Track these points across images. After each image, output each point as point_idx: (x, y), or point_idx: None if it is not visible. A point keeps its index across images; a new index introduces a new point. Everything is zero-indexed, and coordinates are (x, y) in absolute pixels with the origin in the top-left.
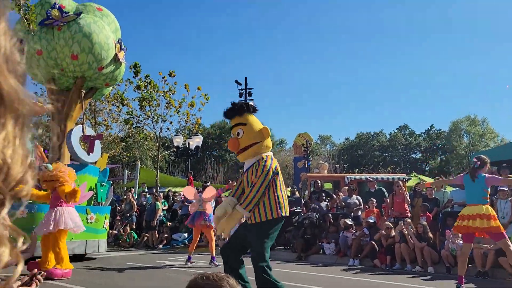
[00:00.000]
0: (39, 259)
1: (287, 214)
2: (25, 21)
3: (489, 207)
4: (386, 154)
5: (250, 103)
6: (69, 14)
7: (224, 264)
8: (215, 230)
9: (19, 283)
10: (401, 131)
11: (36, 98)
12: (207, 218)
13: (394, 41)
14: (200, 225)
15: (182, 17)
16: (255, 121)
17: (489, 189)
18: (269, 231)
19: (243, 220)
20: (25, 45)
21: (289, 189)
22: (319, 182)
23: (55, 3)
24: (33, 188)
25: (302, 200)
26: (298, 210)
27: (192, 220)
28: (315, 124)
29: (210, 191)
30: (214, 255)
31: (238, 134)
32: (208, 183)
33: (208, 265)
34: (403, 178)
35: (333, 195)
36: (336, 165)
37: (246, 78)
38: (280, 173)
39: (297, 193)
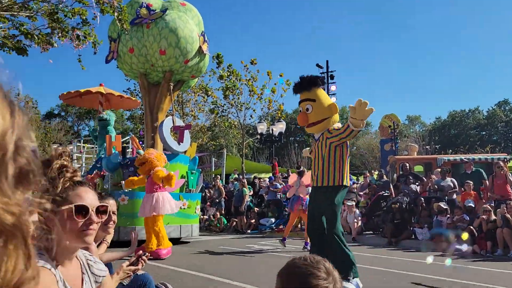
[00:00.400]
0: (143, 244)
1: (348, 184)
2: (118, 22)
3: None
4: (484, 132)
5: (317, 77)
6: (156, 11)
7: (312, 246)
8: None
9: (127, 263)
10: (501, 107)
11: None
12: (304, 203)
13: (489, 11)
14: (297, 210)
15: (261, 4)
16: (324, 96)
17: None
18: (338, 196)
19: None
20: (118, 44)
21: (376, 172)
22: (407, 164)
23: (143, 2)
24: (131, 177)
25: (391, 184)
26: (386, 194)
27: (291, 205)
28: (402, 105)
29: (309, 177)
30: (308, 241)
31: (307, 109)
32: (302, 168)
33: (301, 250)
34: (504, 158)
35: (423, 178)
36: (427, 147)
37: (327, 61)
38: (347, 146)
39: (385, 176)
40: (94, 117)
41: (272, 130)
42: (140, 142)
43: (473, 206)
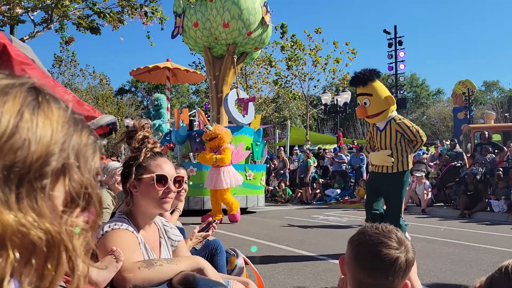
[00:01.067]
0: (209, 212)
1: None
2: None
3: None
4: None
5: (372, 71)
6: None
7: (367, 215)
8: None
9: (198, 228)
10: None
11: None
12: None
13: None
14: None
15: None
16: (380, 89)
17: None
18: (403, 180)
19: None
20: (183, 19)
21: (448, 142)
22: (486, 133)
23: None
24: (205, 153)
25: (464, 154)
26: (459, 164)
27: None
28: (478, 70)
29: None
30: None
31: (365, 103)
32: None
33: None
34: None
35: (503, 147)
36: (506, 114)
37: (395, 27)
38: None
39: (458, 146)
40: (162, 92)
41: (337, 100)
42: (206, 115)
43: None
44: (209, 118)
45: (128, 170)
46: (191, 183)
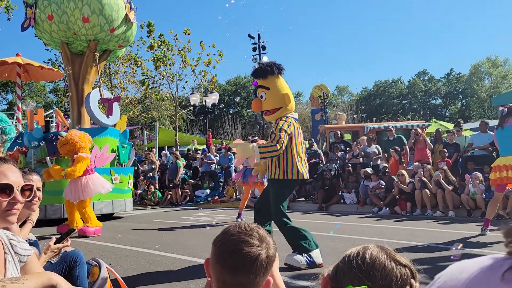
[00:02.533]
0: (66, 221)
1: (304, 177)
2: None
3: None
4: (405, 101)
5: (274, 65)
6: None
7: (255, 216)
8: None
9: (54, 239)
10: (420, 77)
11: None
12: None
13: None
14: (253, 182)
15: None
16: (280, 85)
17: None
18: (281, 189)
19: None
20: (35, 10)
21: (306, 141)
22: (339, 132)
23: None
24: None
25: (321, 152)
26: (317, 162)
27: (244, 177)
28: (332, 75)
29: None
30: (242, 212)
31: (261, 96)
32: (256, 137)
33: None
34: (423, 125)
35: (352, 145)
36: (354, 116)
37: (259, 32)
38: (298, 136)
39: (315, 145)
40: (12, 90)
41: (205, 101)
42: (66, 116)
43: (388, 170)
44: (68, 119)
45: None
46: (48, 190)
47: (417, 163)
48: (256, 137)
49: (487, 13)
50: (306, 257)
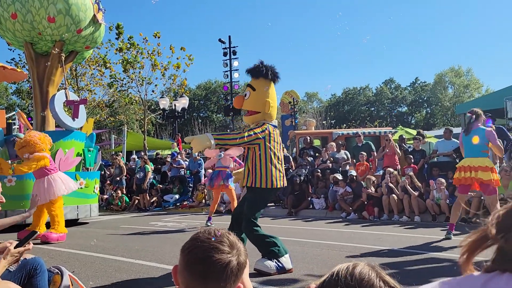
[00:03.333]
0: (28, 227)
1: (278, 186)
2: None
3: (490, 160)
4: (373, 108)
5: (270, 69)
6: None
7: (230, 224)
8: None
9: (14, 243)
10: (387, 85)
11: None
12: (224, 177)
13: None
14: (218, 186)
15: None
16: (267, 91)
17: (492, 142)
18: (256, 197)
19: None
20: None
21: None
22: (308, 138)
23: None
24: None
25: (291, 157)
26: (286, 167)
27: (210, 181)
28: (301, 82)
29: (238, 148)
30: (211, 217)
31: (245, 95)
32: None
33: (204, 226)
34: (390, 131)
35: (321, 150)
36: (323, 122)
37: (230, 37)
38: (274, 144)
39: (285, 150)
40: None
41: (175, 105)
42: (29, 118)
43: (355, 175)
44: (32, 122)
45: None
46: (8, 194)
47: (389, 169)
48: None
49: (451, 23)
50: (275, 262)
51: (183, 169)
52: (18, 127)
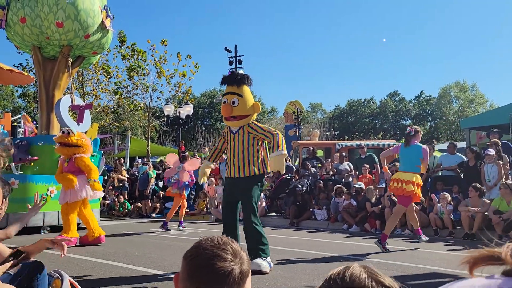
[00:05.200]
0: (62, 231)
1: (268, 170)
2: None
3: (419, 177)
4: (377, 121)
5: (248, 76)
6: None
7: (224, 226)
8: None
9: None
10: (392, 97)
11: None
12: (180, 186)
13: (384, 7)
14: (171, 193)
15: None
16: (250, 95)
17: (424, 158)
18: (259, 183)
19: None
20: (7, 12)
21: None
22: (311, 148)
23: None
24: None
25: (294, 167)
26: (289, 177)
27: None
28: (305, 92)
29: (194, 163)
30: (182, 220)
31: (233, 102)
32: (187, 153)
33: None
34: (393, 144)
35: (324, 161)
36: (327, 133)
37: (236, 46)
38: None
39: (288, 160)
40: None
41: (179, 112)
42: (34, 122)
43: (360, 187)
44: (37, 125)
45: None
46: (11, 197)
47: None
48: (187, 153)
49: (457, 38)
50: (268, 261)
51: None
52: (23, 130)
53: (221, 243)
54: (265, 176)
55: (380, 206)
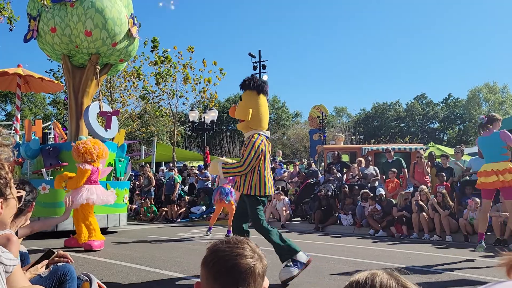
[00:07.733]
0: (74, 235)
1: (271, 193)
2: None
3: (510, 163)
4: (403, 124)
5: (253, 81)
6: None
7: (233, 230)
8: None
9: (44, 262)
10: (418, 100)
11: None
12: (224, 192)
13: (409, 9)
14: (216, 201)
15: None
16: (252, 102)
17: (506, 144)
18: (255, 203)
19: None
20: (38, 23)
21: (305, 161)
22: (336, 153)
23: None
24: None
25: (319, 172)
26: (314, 181)
27: (214, 195)
28: (330, 96)
29: None
30: (231, 229)
31: (237, 105)
32: (224, 157)
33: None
34: (421, 148)
35: (350, 166)
36: (352, 137)
37: (260, 51)
38: (267, 155)
39: (313, 165)
40: (11, 101)
41: (204, 118)
42: (64, 129)
43: (384, 193)
44: (67, 132)
45: None
46: (41, 202)
47: (422, 186)
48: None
49: (487, 39)
50: (292, 263)
51: (209, 182)
52: (53, 136)
53: (237, 242)
54: (290, 181)
55: (404, 212)
